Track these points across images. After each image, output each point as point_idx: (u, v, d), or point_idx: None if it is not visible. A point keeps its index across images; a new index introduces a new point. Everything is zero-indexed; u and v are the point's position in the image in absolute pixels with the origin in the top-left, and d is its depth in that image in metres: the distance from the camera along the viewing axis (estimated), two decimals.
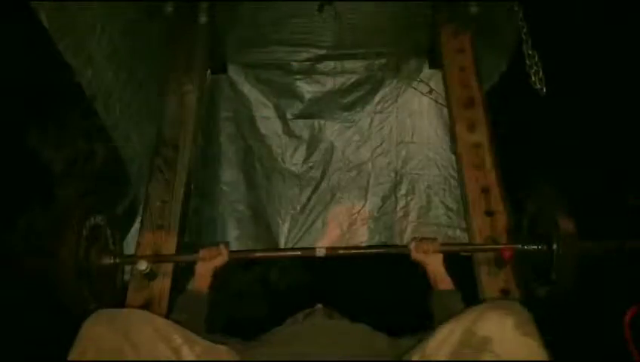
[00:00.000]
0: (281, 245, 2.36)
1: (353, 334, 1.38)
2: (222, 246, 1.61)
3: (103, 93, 1.95)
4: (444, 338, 1.08)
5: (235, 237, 2.39)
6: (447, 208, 2.35)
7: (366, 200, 2.42)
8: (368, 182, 2.44)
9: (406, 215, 2.38)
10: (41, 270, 1.46)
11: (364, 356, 1.28)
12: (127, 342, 1.09)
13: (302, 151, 2.48)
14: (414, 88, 2.56)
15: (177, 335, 1.15)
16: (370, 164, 2.46)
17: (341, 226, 2.40)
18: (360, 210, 2.41)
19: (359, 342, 1.34)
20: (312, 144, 2.50)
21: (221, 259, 1.59)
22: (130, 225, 2.13)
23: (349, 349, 1.29)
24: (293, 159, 2.48)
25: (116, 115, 2.03)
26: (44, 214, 2.14)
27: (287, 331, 1.42)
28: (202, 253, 1.59)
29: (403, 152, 2.46)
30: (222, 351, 1.22)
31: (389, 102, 2.55)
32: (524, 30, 2.13)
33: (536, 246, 1.52)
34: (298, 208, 2.41)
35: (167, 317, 1.50)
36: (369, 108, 2.55)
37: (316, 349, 1.28)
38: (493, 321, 1.03)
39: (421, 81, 2.55)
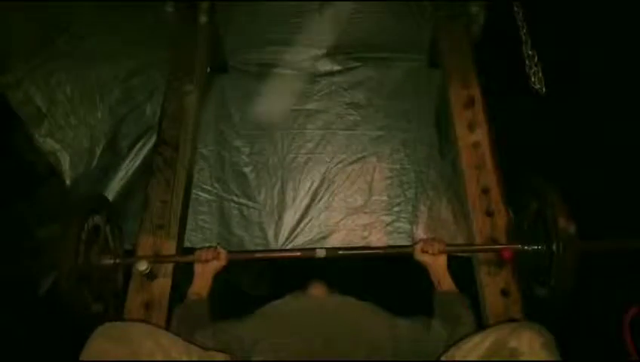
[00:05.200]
0: (281, 243, 2.36)
1: (350, 320, 1.43)
2: (219, 248, 1.61)
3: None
4: (474, 346, 1.20)
5: (235, 233, 2.39)
6: (451, 207, 2.35)
7: (370, 198, 2.42)
8: (372, 181, 2.43)
9: (410, 214, 2.37)
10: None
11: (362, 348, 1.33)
12: (131, 355, 1.16)
13: (303, 152, 2.48)
14: (415, 88, 2.56)
15: (175, 349, 1.24)
16: (373, 164, 2.46)
17: (343, 225, 2.40)
18: (363, 209, 2.41)
19: (355, 330, 1.40)
20: (314, 144, 2.50)
21: (219, 262, 1.59)
22: None
23: (345, 343, 1.35)
24: (295, 159, 2.48)
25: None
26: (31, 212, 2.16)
27: (285, 312, 1.47)
28: (199, 254, 1.59)
29: (406, 151, 2.46)
30: (218, 358, 1.30)
31: (391, 101, 2.55)
32: (524, 31, 2.14)
33: (536, 247, 1.52)
34: (301, 206, 2.41)
35: (168, 324, 1.51)
36: (370, 108, 2.55)
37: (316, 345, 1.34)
38: (525, 337, 1.14)
39: (421, 80, 2.55)
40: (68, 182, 2.25)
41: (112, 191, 2.32)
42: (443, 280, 1.55)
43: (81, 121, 2.33)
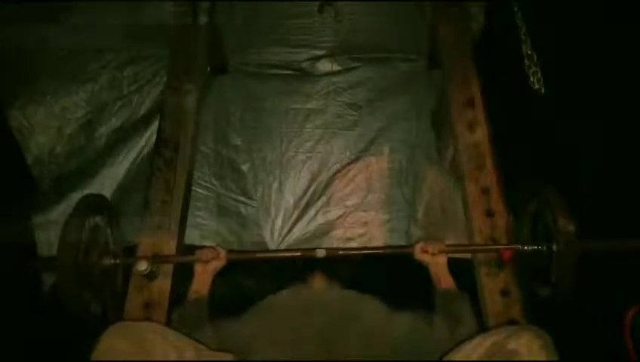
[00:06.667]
0: (278, 241, 2.37)
1: (348, 315, 1.44)
2: (219, 248, 1.62)
3: None
4: (473, 348, 1.21)
5: (233, 230, 2.40)
6: (449, 207, 2.35)
7: (367, 197, 2.43)
8: (370, 180, 2.44)
9: (407, 213, 2.38)
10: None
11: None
12: (142, 354, 1.16)
13: (302, 151, 2.49)
14: (414, 88, 2.56)
15: (188, 348, 1.25)
16: (372, 163, 2.46)
17: (341, 223, 2.41)
18: (361, 207, 2.41)
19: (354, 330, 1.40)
20: (313, 143, 2.51)
21: (219, 261, 1.60)
22: None
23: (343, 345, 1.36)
24: (293, 158, 2.48)
25: None
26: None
27: (282, 308, 1.48)
28: (199, 254, 1.60)
29: (405, 150, 2.47)
30: (228, 359, 1.30)
31: (390, 102, 2.55)
32: (523, 30, 2.14)
33: (536, 247, 1.52)
34: (299, 204, 2.42)
35: (168, 325, 1.52)
36: (369, 108, 2.55)
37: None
38: (524, 339, 1.15)
39: (420, 81, 2.55)
40: (29, 161, 2.25)
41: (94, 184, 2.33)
42: (444, 279, 1.56)
43: (57, 101, 2.33)
